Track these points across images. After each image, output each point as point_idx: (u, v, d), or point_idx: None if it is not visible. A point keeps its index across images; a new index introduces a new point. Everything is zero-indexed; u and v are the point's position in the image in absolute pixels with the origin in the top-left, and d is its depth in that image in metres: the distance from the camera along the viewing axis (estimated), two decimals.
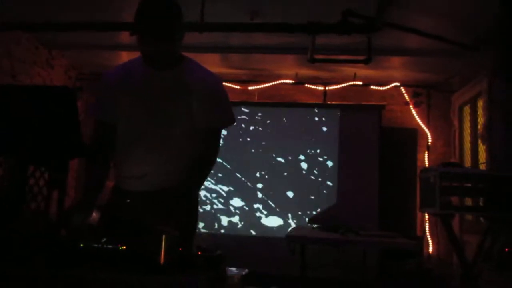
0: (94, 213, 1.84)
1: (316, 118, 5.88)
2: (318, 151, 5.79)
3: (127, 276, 1.24)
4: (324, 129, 5.85)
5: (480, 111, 4.87)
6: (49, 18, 4.18)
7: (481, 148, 4.72)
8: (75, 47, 5.31)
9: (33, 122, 1.34)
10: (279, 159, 5.83)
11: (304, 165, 5.78)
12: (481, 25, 3.55)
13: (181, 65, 1.85)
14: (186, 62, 1.87)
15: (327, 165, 5.74)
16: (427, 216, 5.51)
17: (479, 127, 4.79)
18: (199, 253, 1.42)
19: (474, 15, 3.68)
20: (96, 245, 1.40)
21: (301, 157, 5.80)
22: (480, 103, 4.84)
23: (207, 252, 1.45)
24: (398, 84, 5.87)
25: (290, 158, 5.81)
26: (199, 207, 1.97)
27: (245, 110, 5.99)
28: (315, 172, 5.75)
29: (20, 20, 4.23)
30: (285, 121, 5.92)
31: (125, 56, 4.98)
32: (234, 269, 4.77)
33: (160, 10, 1.70)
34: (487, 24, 3.82)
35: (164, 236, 1.32)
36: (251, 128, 5.96)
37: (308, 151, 5.81)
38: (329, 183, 5.69)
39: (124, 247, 1.37)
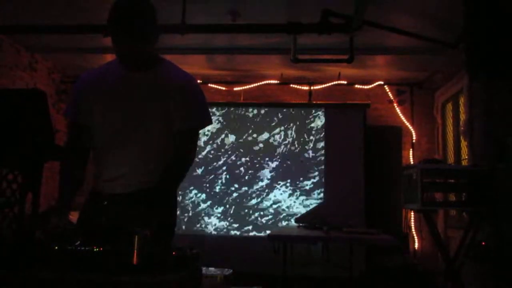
0: (72, 214, 1.84)
1: (302, 118, 5.91)
2: (304, 150, 5.82)
3: (100, 276, 1.25)
4: (310, 128, 5.88)
5: (462, 108, 4.94)
6: (31, 21, 4.15)
7: (463, 144, 4.78)
8: (58, 50, 5.27)
9: (3, 125, 1.34)
10: (265, 159, 5.85)
11: (290, 165, 5.80)
12: (460, 22, 3.61)
13: (157, 66, 1.85)
14: (162, 64, 1.87)
15: (313, 165, 5.77)
16: (412, 213, 5.57)
17: (461, 123, 4.85)
18: (174, 252, 1.43)
19: (453, 12, 3.72)
20: (70, 247, 1.40)
21: (287, 156, 5.83)
22: (462, 100, 4.90)
23: (182, 251, 1.46)
24: (382, 82, 5.92)
25: (276, 157, 5.83)
26: (177, 208, 1.97)
27: (230, 111, 6.00)
28: (301, 171, 5.77)
29: (1, 24, 4.20)
30: (271, 121, 5.94)
31: (109, 58, 4.93)
32: (217, 269, 4.79)
33: (131, 11, 1.70)
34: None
35: (137, 236, 1.33)
36: (237, 128, 5.96)
37: (294, 151, 5.83)
38: (315, 182, 5.72)
39: (99, 249, 1.38)
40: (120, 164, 1.79)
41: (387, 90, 5.96)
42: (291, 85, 6.02)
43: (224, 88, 6.08)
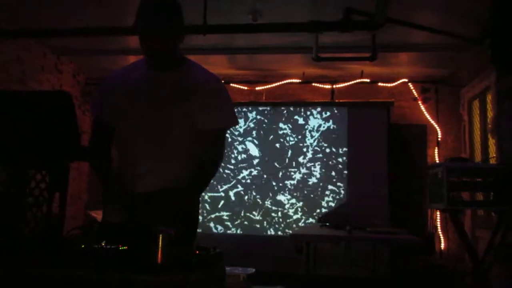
0: (96, 213, 1.88)
1: (325, 117, 5.88)
2: (327, 150, 5.78)
3: (126, 275, 1.27)
4: (333, 127, 5.83)
5: (489, 105, 4.82)
6: (57, 25, 4.25)
7: (491, 142, 4.66)
8: (83, 52, 5.38)
9: (31, 127, 1.37)
10: (288, 158, 5.83)
11: (313, 164, 5.77)
12: (486, 16, 3.51)
13: (183, 66, 1.86)
14: (188, 64, 1.89)
15: (337, 164, 5.73)
16: (438, 212, 5.46)
17: (488, 121, 4.74)
18: (197, 252, 1.43)
19: (478, 6, 3.63)
20: (96, 246, 1.43)
21: (310, 155, 5.80)
22: (489, 97, 4.78)
23: (205, 251, 1.46)
24: (406, 80, 5.83)
25: (299, 157, 5.81)
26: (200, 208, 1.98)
27: (254, 110, 6.01)
28: (325, 170, 5.74)
29: (29, 28, 4.31)
30: (294, 120, 5.92)
31: (133, 60, 5.01)
32: (240, 268, 4.79)
33: (159, 5, 1.73)
34: None
35: (161, 236, 1.34)
36: (260, 128, 5.97)
37: (317, 150, 5.80)
38: (339, 181, 5.68)
39: (125, 248, 1.39)
40: (141, 163, 1.80)
41: (411, 88, 5.86)
42: (313, 84, 5.99)
43: (246, 88, 6.09)
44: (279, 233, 5.62)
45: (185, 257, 1.34)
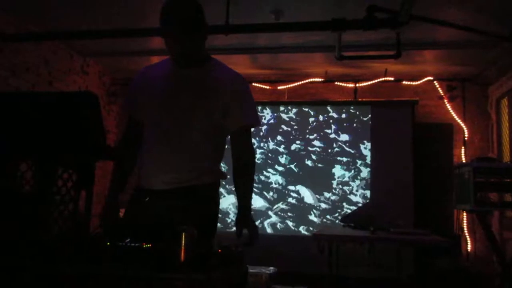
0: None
1: (348, 116, 5.82)
2: (350, 149, 5.73)
3: (149, 273, 1.29)
4: (356, 126, 5.78)
5: None
6: (83, 27, 4.34)
7: None
8: (108, 54, 5.48)
9: (58, 127, 1.40)
10: (311, 158, 5.81)
11: (336, 164, 5.73)
12: None
13: (207, 64, 1.88)
14: (212, 62, 1.90)
15: (360, 163, 5.67)
16: (465, 213, 5.35)
17: None
18: (219, 250, 1.44)
19: (508, 2, 3.54)
20: (121, 244, 1.45)
21: (333, 155, 5.76)
22: None
23: (227, 250, 1.47)
24: (431, 78, 5.72)
25: (321, 157, 5.78)
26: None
27: (275, 109, 6.00)
28: (348, 170, 5.69)
29: (56, 30, 4.42)
30: (316, 119, 5.89)
31: (157, 61, 5.07)
32: (262, 267, 4.78)
33: (179, 10, 1.75)
34: None
35: (184, 234, 1.35)
36: (282, 127, 5.96)
37: (341, 149, 5.75)
38: (362, 181, 5.62)
39: (149, 246, 1.42)
40: (160, 160, 1.80)
41: (437, 86, 5.75)
42: (336, 83, 5.94)
43: (268, 87, 6.09)
44: (303, 232, 5.60)
45: (207, 255, 1.35)
